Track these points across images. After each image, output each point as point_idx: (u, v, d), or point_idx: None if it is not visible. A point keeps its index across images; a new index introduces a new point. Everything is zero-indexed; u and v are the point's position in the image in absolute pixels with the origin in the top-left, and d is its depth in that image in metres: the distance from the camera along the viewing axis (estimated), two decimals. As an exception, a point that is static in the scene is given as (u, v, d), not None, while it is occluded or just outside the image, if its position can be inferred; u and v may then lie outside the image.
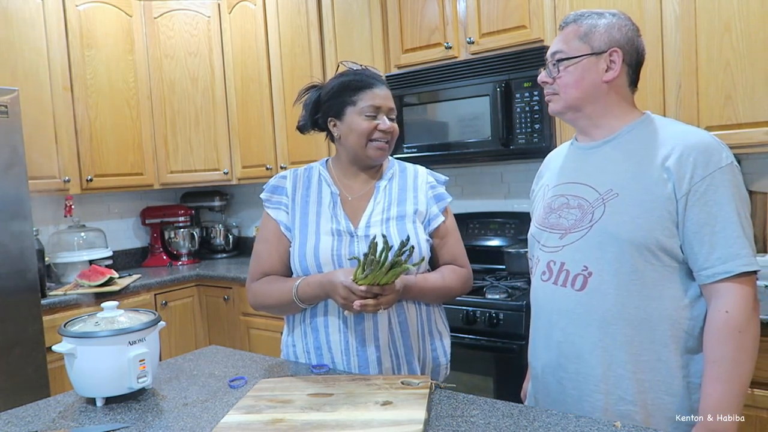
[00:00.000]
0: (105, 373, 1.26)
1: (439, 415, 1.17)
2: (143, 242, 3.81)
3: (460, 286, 1.57)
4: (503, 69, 2.40)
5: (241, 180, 3.57)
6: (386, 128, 1.50)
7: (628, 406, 1.24)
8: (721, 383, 1.16)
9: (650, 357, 1.23)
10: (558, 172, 1.43)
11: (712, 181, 1.18)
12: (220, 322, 3.31)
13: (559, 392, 1.33)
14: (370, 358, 1.45)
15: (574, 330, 1.29)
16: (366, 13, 2.86)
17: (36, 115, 2.89)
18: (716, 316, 1.18)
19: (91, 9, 3.17)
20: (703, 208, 1.18)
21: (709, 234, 1.18)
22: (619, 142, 1.31)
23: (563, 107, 1.34)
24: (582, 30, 1.31)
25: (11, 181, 2.46)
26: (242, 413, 1.17)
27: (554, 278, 1.32)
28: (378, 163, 1.57)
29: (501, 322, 2.16)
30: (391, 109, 1.52)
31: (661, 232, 1.20)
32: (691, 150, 1.20)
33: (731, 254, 1.17)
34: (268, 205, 1.59)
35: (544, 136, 2.32)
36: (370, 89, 1.50)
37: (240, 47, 3.44)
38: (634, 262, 1.22)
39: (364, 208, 1.54)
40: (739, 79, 1.95)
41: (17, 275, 2.47)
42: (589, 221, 1.28)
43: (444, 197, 1.60)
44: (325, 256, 1.47)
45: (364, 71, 1.55)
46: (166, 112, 3.48)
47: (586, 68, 1.30)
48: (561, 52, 1.32)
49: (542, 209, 1.41)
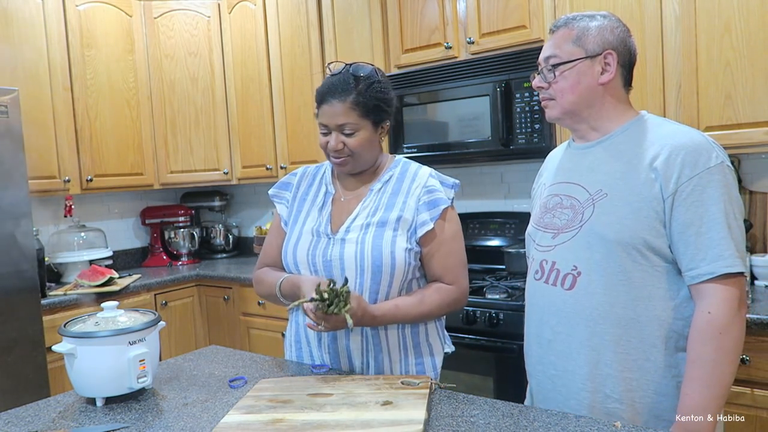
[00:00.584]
0: (105, 373, 1.26)
1: (439, 415, 1.17)
2: (143, 242, 3.81)
3: (444, 309, 1.49)
4: (503, 69, 2.41)
5: (241, 180, 3.57)
6: (332, 147, 1.46)
7: (615, 404, 1.24)
8: (699, 384, 1.16)
9: (639, 356, 1.23)
10: (554, 171, 1.44)
11: (699, 182, 1.18)
12: (220, 322, 3.31)
13: (549, 389, 1.35)
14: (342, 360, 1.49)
15: (563, 329, 1.30)
16: (366, 13, 2.86)
17: (36, 115, 2.89)
18: (699, 317, 1.18)
19: (91, 9, 3.17)
20: (689, 209, 1.18)
21: (695, 235, 1.18)
22: (611, 143, 1.32)
23: (560, 113, 1.34)
24: (574, 33, 1.30)
25: (11, 180, 2.46)
26: (242, 413, 1.17)
27: (546, 277, 1.34)
28: (347, 173, 1.54)
29: (501, 322, 2.16)
30: (340, 125, 1.44)
31: (649, 232, 1.21)
32: (679, 150, 1.20)
33: (716, 255, 1.17)
34: (275, 199, 1.67)
35: (544, 136, 2.32)
36: (323, 104, 1.46)
37: (240, 47, 3.44)
38: (622, 262, 1.22)
39: (352, 210, 1.52)
40: (739, 79, 1.95)
41: (17, 275, 2.47)
42: (580, 221, 1.29)
43: (438, 203, 1.47)
44: (301, 255, 1.50)
45: (331, 80, 1.47)
46: (166, 112, 3.48)
47: (581, 72, 1.30)
48: (555, 56, 1.32)
49: (539, 208, 1.43)
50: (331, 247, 1.47)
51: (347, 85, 1.44)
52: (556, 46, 1.32)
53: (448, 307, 1.49)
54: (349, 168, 1.51)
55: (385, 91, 1.49)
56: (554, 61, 1.32)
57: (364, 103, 1.44)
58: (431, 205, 1.48)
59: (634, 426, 1.09)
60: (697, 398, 1.16)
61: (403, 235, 1.45)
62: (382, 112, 1.49)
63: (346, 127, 1.44)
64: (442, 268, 1.49)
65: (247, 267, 3.42)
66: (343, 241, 1.46)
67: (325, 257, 1.46)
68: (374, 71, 1.48)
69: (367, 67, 1.48)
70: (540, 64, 1.36)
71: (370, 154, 1.51)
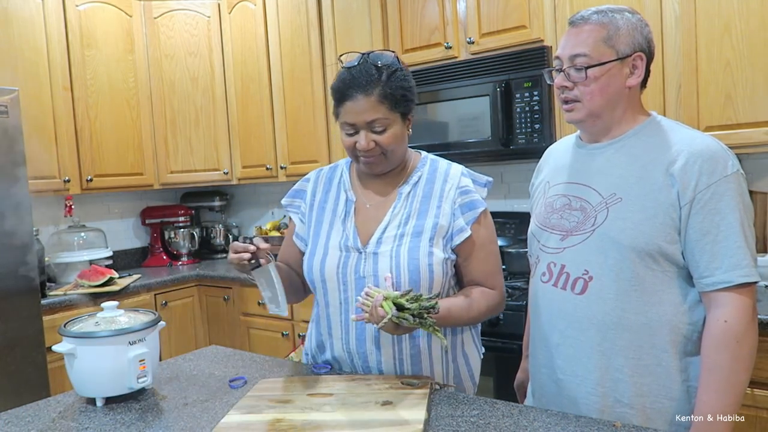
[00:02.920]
0: (105, 373, 1.26)
1: (439, 415, 1.17)
2: (143, 242, 3.81)
3: (487, 314, 1.41)
4: (503, 69, 2.40)
5: (241, 180, 3.57)
6: (362, 147, 1.33)
7: (625, 409, 1.24)
8: (716, 392, 1.16)
9: (650, 361, 1.22)
10: (560, 170, 1.41)
11: (717, 189, 1.17)
12: (220, 322, 3.31)
13: (556, 393, 1.33)
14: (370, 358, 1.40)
15: (573, 333, 1.28)
16: (366, 13, 2.86)
17: (36, 115, 2.89)
18: (715, 325, 1.18)
19: (91, 9, 3.17)
20: (706, 217, 1.18)
21: (711, 243, 1.17)
22: (623, 145, 1.29)
23: (585, 115, 1.28)
24: (605, 32, 1.24)
25: (11, 181, 2.46)
26: (242, 413, 1.17)
27: (554, 280, 1.32)
28: (378, 173, 1.42)
29: (501, 322, 2.16)
30: (370, 122, 1.32)
31: (663, 239, 1.20)
32: (696, 157, 1.19)
33: (732, 264, 1.16)
34: (289, 209, 1.56)
35: (544, 136, 2.32)
36: (345, 101, 1.33)
37: (240, 47, 3.44)
38: (635, 267, 1.21)
39: (381, 218, 1.40)
40: (739, 79, 1.95)
41: (17, 275, 2.47)
42: (592, 225, 1.26)
43: (475, 206, 1.38)
44: (330, 271, 1.39)
45: (350, 74, 1.34)
46: (166, 112, 3.48)
47: (612, 74, 1.25)
48: (585, 56, 1.24)
49: (543, 208, 1.40)
50: (363, 262, 1.37)
51: (370, 76, 1.31)
52: (585, 44, 1.25)
53: (490, 312, 1.42)
54: (381, 168, 1.39)
55: (408, 79, 1.38)
56: (585, 62, 1.24)
57: (392, 94, 1.32)
58: (467, 208, 1.39)
59: (634, 426, 1.09)
60: (714, 405, 1.16)
61: (439, 245, 1.36)
62: (409, 102, 1.37)
63: (376, 123, 1.32)
64: (482, 273, 1.41)
65: (247, 267, 3.42)
66: (376, 255, 1.36)
67: (358, 273, 1.36)
68: (395, 58, 1.36)
69: (386, 54, 1.36)
70: (561, 59, 1.29)
71: (401, 150, 1.40)
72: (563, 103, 1.31)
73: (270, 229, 3.39)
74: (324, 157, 3.06)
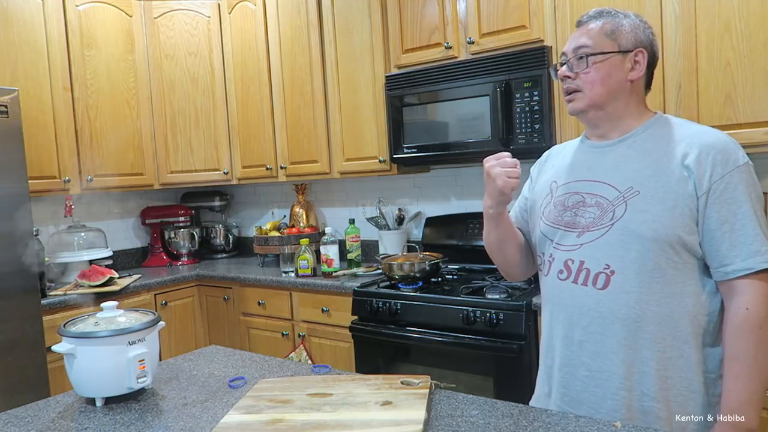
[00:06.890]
0: (105, 373, 1.26)
1: (439, 415, 1.17)
2: (143, 242, 3.81)
3: None
4: (503, 69, 2.40)
5: (241, 180, 3.57)
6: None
7: (651, 402, 1.24)
8: (742, 380, 1.18)
9: (673, 354, 1.23)
10: (568, 169, 1.41)
11: (731, 180, 1.20)
12: (220, 322, 3.31)
13: (581, 390, 1.32)
14: None
15: (597, 329, 1.28)
16: (366, 13, 2.86)
17: (36, 115, 2.89)
18: (736, 313, 1.19)
19: (91, 9, 3.17)
20: (723, 206, 1.20)
21: (729, 231, 1.20)
22: (634, 141, 1.32)
23: (587, 105, 1.32)
24: (608, 27, 1.30)
25: (11, 181, 2.46)
26: (242, 413, 1.17)
27: (573, 277, 1.31)
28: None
29: (501, 322, 2.16)
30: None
31: (683, 230, 1.21)
32: (709, 149, 1.22)
33: (752, 251, 1.18)
34: None
35: (544, 136, 2.32)
36: None
37: (240, 47, 3.44)
38: (657, 259, 1.22)
39: None
40: (739, 79, 1.95)
41: (17, 275, 2.47)
42: (610, 219, 1.27)
43: None
44: None
45: None
46: (166, 112, 3.48)
47: (613, 65, 1.29)
48: (587, 47, 1.30)
49: (553, 207, 1.39)
50: None
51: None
52: (588, 36, 1.30)
53: None
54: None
55: None
56: (586, 51, 1.29)
57: None
58: None
59: (634, 426, 1.09)
60: (742, 394, 1.18)
61: None
62: None
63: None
64: None
65: (247, 267, 3.42)
66: None
67: None
68: None
69: None
70: (566, 54, 1.34)
71: None
72: (566, 95, 1.36)
73: (270, 229, 3.39)
74: (324, 157, 3.06)
